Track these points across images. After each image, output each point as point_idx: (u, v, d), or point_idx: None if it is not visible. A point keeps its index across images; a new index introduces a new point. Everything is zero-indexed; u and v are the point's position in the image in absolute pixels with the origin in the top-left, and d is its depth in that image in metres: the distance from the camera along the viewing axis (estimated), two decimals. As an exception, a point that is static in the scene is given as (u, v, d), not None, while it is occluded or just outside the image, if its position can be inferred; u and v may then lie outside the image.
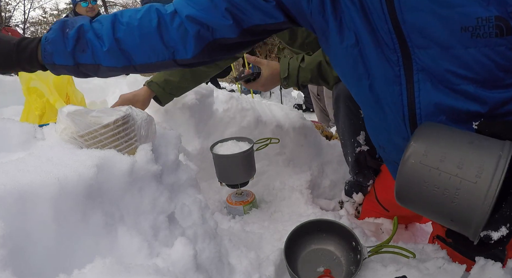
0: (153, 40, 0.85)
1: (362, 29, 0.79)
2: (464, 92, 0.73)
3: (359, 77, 0.86)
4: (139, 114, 0.78)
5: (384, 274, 0.94)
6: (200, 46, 0.87)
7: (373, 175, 1.41)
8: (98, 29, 0.84)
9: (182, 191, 0.90)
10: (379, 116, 0.89)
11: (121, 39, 0.84)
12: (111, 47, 0.84)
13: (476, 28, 0.66)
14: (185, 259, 0.68)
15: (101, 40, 0.84)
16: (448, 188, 0.62)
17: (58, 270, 0.55)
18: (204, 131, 1.77)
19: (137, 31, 0.84)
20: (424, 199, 0.66)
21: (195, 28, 0.84)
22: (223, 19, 0.84)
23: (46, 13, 17.30)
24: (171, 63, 0.89)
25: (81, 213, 0.61)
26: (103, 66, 0.87)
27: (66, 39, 0.83)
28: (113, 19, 0.85)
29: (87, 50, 0.84)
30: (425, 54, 0.73)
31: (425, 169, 0.64)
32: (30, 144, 0.75)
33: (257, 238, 1.19)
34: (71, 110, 0.72)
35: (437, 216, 0.68)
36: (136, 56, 0.86)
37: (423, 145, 0.66)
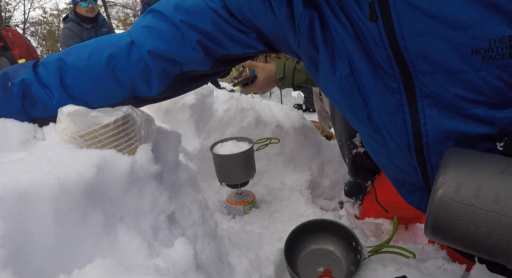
0: (106, 84, 0.74)
1: (357, 57, 0.72)
2: (474, 117, 0.68)
3: (355, 107, 0.80)
4: (139, 114, 0.78)
5: (384, 274, 0.94)
6: (167, 82, 0.77)
7: (371, 175, 1.41)
8: (44, 77, 0.73)
9: (182, 191, 0.90)
10: (380, 143, 0.84)
11: (70, 86, 0.73)
12: (61, 98, 0.73)
13: (489, 50, 0.60)
14: (185, 259, 0.68)
15: (49, 91, 0.73)
16: (486, 225, 0.58)
17: (58, 270, 0.54)
18: (204, 131, 1.77)
19: (86, 76, 0.73)
20: (459, 236, 0.62)
21: (160, 66, 0.74)
22: (194, 52, 0.74)
23: (46, 13, 17.32)
24: (133, 102, 0.79)
25: (81, 213, 0.61)
26: None
27: (12, 96, 0.72)
28: (59, 62, 0.74)
29: (36, 105, 0.74)
30: (431, 80, 0.67)
31: (459, 206, 0.60)
32: (30, 144, 0.75)
33: (257, 238, 1.19)
34: (71, 110, 0.71)
35: (473, 250, 0.64)
36: (93, 102, 0.76)
37: (454, 180, 0.61)
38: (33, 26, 16.78)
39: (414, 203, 0.96)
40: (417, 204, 0.95)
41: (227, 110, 1.80)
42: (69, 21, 3.62)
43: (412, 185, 0.91)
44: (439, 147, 0.73)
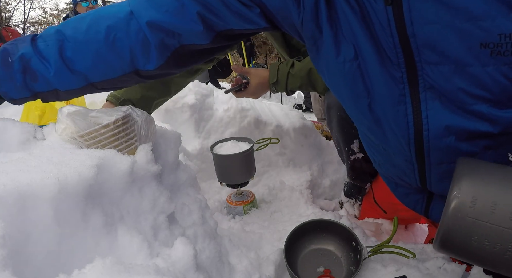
0: (106, 56, 0.73)
1: (363, 41, 0.70)
2: (476, 113, 0.67)
3: (356, 95, 0.77)
4: (139, 115, 0.78)
5: (384, 274, 0.94)
6: (165, 56, 0.75)
7: (370, 178, 1.41)
8: (43, 50, 0.72)
9: (182, 191, 0.90)
10: (378, 137, 0.82)
11: (70, 59, 0.72)
12: (61, 70, 0.72)
13: (498, 45, 0.59)
14: (185, 259, 0.68)
15: (48, 64, 0.72)
16: (501, 242, 0.56)
17: (58, 270, 0.54)
18: (204, 131, 1.77)
19: (86, 48, 0.72)
20: (471, 252, 0.60)
21: (158, 37, 0.71)
22: (193, 24, 0.71)
23: (46, 13, 17.31)
24: (133, 77, 0.78)
25: (81, 213, 0.61)
26: (61, 91, 0.77)
27: (13, 72, 0.73)
28: (58, 35, 0.73)
29: (37, 79, 0.74)
30: (436, 70, 0.66)
31: (474, 223, 0.58)
32: (30, 144, 0.75)
33: (257, 238, 1.19)
34: (71, 110, 0.71)
35: (484, 265, 0.63)
36: (92, 75, 0.75)
37: (469, 194, 0.59)
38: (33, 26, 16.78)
39: (410, 205, 0.95)
40: (413, 206, 0.94)
41: (227, 110, 1.80)
42: None
43: (407, 186, 0.90)
44: (439, 142, 0.72)
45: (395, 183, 0.95)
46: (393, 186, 0.96)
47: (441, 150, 0.72)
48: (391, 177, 0.94)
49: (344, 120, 1.32)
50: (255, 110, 1.86)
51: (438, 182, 0.80)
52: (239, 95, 1.45)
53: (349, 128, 1.31)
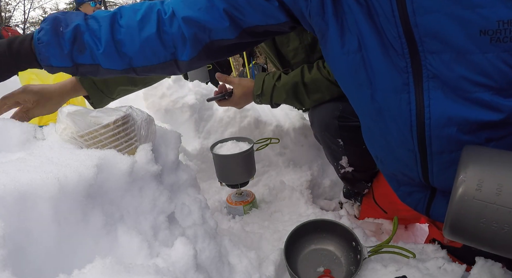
0: (153, 44, 0.83)
1: (367, 33, 0.73)
2: (479, 101, 0.68)
3: (359, 85, 0.81)
4: (139, 114, 0.78)
5: (384, 274, 0.94)
6: (197, 49, 0.84)
7: (366, 184, 1.41)
8: (96, 30, 0.81)
9: (182, 191, 0.90)
10: (380, 127, 0.84)
11: (121, 42, 0.81)
12: (110, 50, 0.81)
13: (497, 32, 0.61)
14: (185, 259, 0.68)
15: (99, 42, 0.81)
16: (508, 223, 0.57)
17: (58, 270, 0.54)
18: (204, 131, 1.77)
19: (137, 35, 0.81)
20: (480, 235, 0.61)
21: (192, 31, 0.82)
22: (220, 20, 0.81)
23: (46, 13, 17.31)
24: (172, 64, 0.87)
25: (81, 213, 0.61)
26: (102, 67, 0.84)
27: (62, 40, 0.79)
28: (111, 19, 0.82)
29: (85, 51, 0.81)
30: (438, 59, 0.68)
31: (481, 205, 0.59)
32: (30, 144, 0.75)
33: (257, 238, 1.19)
34: (71, 110, 0.72)
35: (494, 249, 0.63)
36: (137, 59, 0.84)
37: (475, 178, 0.60)
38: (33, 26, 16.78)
39: (412, 204, 0.95)
40: (414, 206, 0.94)
41: (227, 110, 1.80)
42: None
43: (410, 182, 0.90)
44: (441, 131, 0.73)
45: (397, 181, 0.95)
46: (396, 185, 0.96)
47: (442, 139, 0.74)
48: (394, 174, 0.94)
49: (329, 140, 1.32)
50: (255, 110, 1.86)
51: (440, 173, 0.80)
52: (222, 104, 1.41)
53: (336, 147, 1.31)
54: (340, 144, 1.29)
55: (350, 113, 1.24)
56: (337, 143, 1.30)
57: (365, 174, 1.38)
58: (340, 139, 1.28)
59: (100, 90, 1.15)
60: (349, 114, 1.24)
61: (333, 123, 1.26)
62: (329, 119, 1.27)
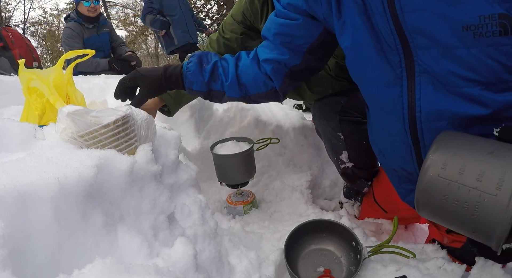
0: (260, 77, 1.04)
1: (362, 31, 0.78)
2: (468, 96, 0.70)
3: (359, 78, 0.88)
4: (139, 114, 0.78)
5: (384, 274, 0.94)
6: (280, 78, 1.03)
7: (366, 182, 1.41)
8: (226, 67, 1.06)
9: (182, 191, 0.90)
10: (379, 119, 0.89)
11: (240, 76, 1.05)
12: (233, 82, 1.04)
13: (479, 26, 0.63)
14: (185, 259, 0.68)
15: (227, 76, 1.05)
16: (468, 202, 0.60)
17: (58, 270, 0.55)
18: (204, 131, 1.77)
19: (250, 72, 1.05)
20: (444, 212, 0.65)
21: (270, 67, 1.02)
22: (283, 53, 0.99)
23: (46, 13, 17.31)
24: (275, 92, 1.07)
25: (81, 213, 0.61)
26: (226, 95, 1.07)
27: (204, 72, 1.04)
28: (236, 61, 1.07)
29: (218, 81, 1.05)
30: (427, 54, 0.71)
31: (444, 182, 0.62)
32: (30, 144, 0.75)
33: (257, 238, 1.19)
34: (71, 110, 0.71)
35: (459, 228, 0.66)
36: (251, 88, 1.06)
37: (442, 157, 0.64)
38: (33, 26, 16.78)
39: (411, 202, 0.95)
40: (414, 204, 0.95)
41: (227, 110, 1.80)
42: (71, 21, 3.63)
43: (410, 180, 0.91)
44: (432, 125, 0.76)
45: (398, 177, 0.95)
46: (397, 182, 0.97)
47: (434, 132, 0.76)
48: (395, 169, 0.95)
49: (330, 133, 1.33)
50: (255, 110, 1.86)
51: None
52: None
53: (336, 141, 1.32)
54: (341, 138, 1.30)
55: (352, 108, 1.25)
56: (338, 137, 1.30)
57: (365, 172, 1.38)
58: (340, 133, 1.29)
59: (174, 99, 1.41)
60: (350, 109, 1.25)
61: (335, 117, 1.28)
62: (330, 114, 1.29)
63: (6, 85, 2.08)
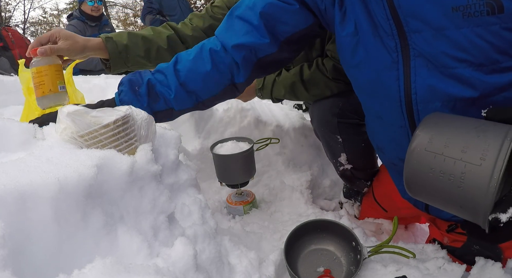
0: (213, 77, 0.94)
1: (361, 17, 0.82)
2: (460, 77, 0.73)
3: (357, 65, 0.89)
4: (139, 114, 0.78)
5: (384, 274, 0.94)
6: (249, 69, 0.95)
7: (365, 183, 1.42)
8: (164, 80, 0.94)
9: (182, 191, 0.90)
10: (375, 106, 0.91)
11: (186, 83, 0.93)
12: (179, 93, 0.93)
13: (467, 7, 0.66)
14: (185, 259, 0.68)
15: (170, 90, 0.93)
16: (454, 173, 0.61)
17: (58, 270, 0.55)
18: (204, 131, 1.77)
19: (197, 73, 0.94)
20: (432, 187, 0.65)
21: (241, 54, 0.92)
22: (262, 39, 0.91)
23: (46, 13, 17.31)
24: (232, 88, 0.98)
25: (81, 213, 0.61)
26: (176, 110, 0.96)
27: (140, 96, 0.92)
28: (173, 67, 0.94)
29: (159, 100, 0.93)
30: (420, 37, 0.74)
31: (430, 155, 0.64)
32: (30, 144, 0.75)
33: (257, 238, 1.19)
34: (71, 110, 0.72)
35: (447, 204, 0.67)
36: (202, 93, 0.95)
37: (428, 133, 0.66)
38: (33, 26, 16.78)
39: (411, 200, 0.96)
40: (414, 202, 0.95)
41: (227, 110, 1.80)
42: (74, 19, 3.65)
43: None
44: (427, 106, 0.79)
45: (398, 172, 0.96)
46: (398, 178, 0.97)
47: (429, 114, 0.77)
48: (393, 163, 0.96)
49: (328, 136, 1.33)
50: (255, 110, 1.86)
51: None
52: None
53: (334, 143, 1.32)
54: (339, 140, 1.30)
55: (350, 111, 1.25)
56: (336, 140, 1.30)
57: (364, 173, 1.39)
58: (339, 136, 1.29)
59: (120, 52, 1.22)
60: (348, 111, 1.25)
61: (333, 120, 1.28)
62: (328, 116, 1.29)
63: (6, 85, 2.08)
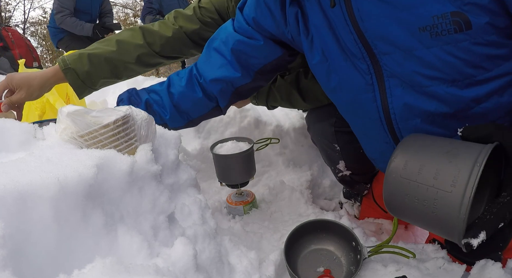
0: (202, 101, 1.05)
1: (330, 44, 0.81)
2: (434, 94, 0.73)
3: (333, 90, 0.90)
4: (139, 114, 0.78)
5: (384, 274, 0.94)
6: (227, 98, 1.05)
7: (365, 185, 1.41)
8: (159, 101, 1.05)
9: (182, 191, 0.90)
10: (360, 125, 0.93)
11: (178, 105, 1.04)
12: (173, 114, 1.04)
13: (434, 26, 0.66)
14: (185, 259, 0.68)
15: (164, 110, 1.04)
16: (427, 199, 0.63)
17: (58, 270, 0.54)
18: (204, 131, 1.77)
19: (189, 98, 1.05)
20: (409, 211, 0.67)
21: (218, 87, 1.01)
22: (235, 72, 0.99)
23: (46, 13, 17.30)
24: (218, 109, 1.08)
25: (81, 213, 0.61)
26: (170, 127, 1.04)
27: None
28: (168, 92, 1.05)
29: (155, 117, 1.00)
30: (390, 59, 0.74)
31: (405, 182, 0.66)
32: (30, 144, 0.75)
33: (257, 238, 1.19)
34: (71, 110, 0.71)
35: (426, 226, 0.69)
36: (193, 113, 1.07)
37: (403, 159, 0.68)
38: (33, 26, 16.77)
39: None
40: None
41: (227, 111, 1.80)
42: None
43: None
44: (407, 124, 0.79)
45: None
46: None
47: (410, 130, 0.80)
48: None
49: (325, 145, 1.32)
50: (255, 110, 1.86)
51: None
52: None
53: (332, 151, 1.32)
54: (337, 149, 1.29)
55: None
56: (334, 148, 1.30)
57: (364, 177, 1.38)
58: (336, 144, 1.29)
59: (83, 81, 1.14)
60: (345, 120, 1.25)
61: (330, 129, 1.27)
62: (325, 125, 1.28)
63: (6, 85, 2.08)
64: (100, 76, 1.16)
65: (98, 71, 1.14)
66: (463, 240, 0.59)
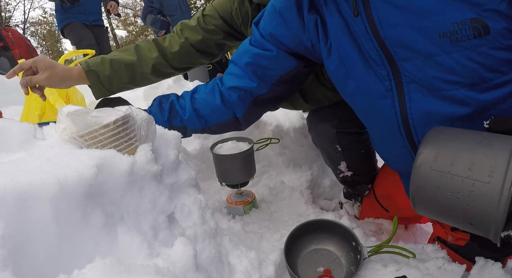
0: (220, 108, 1.09)
1: (349, 50, 0.83)
2: (454, 98, 0.73)
3: (350, 95, 0.92)
4: (139, 114, 0.78)
5: (384, 274, 0.94)
6: (245, 106, 1.08)
7: (366, 186, 1.41)
8: (182, 103, 1.11)
9: (182, 191, 0.90)
10: (377, 129, 0.94)
11: (198, 109, 1.09)
12: (191, 116, 1.10)
13: (454, 33, 0.67)
14: (185, 259, 0.68)
15: (184, 111, 1.10)
16: (462, 191, 0.59)
17: (58, 270, 0.55)
18: (204, 131, 1.76)
19: (208, 104, 1.09)
20: (439, 205, 0.64)
21: (236, 94, 1.06)
22: (251, 82, 1.03)
23: (46, 13, 17.31)
24: (235, 121, 1.12)
25: (81, 213, 0.61)
26: (188, 129, 1.11)
27: (163, 112, 1.09)
28: (191, 95, 1.11)
29: (177, 118, 1.09)
30: (411, 65, 0.75)
31: (437, 174, 0.63)
32: (30, 144, 0.75)
33: (257, 238, 1.19)
34: (71, 110, 0.71)
35: (456, 221, 0.65)
36: (210, 119, 1.10)
37: (433, 151, 0.65)
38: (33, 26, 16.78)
39: None
40: None
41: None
42: None
43: None
44: (425, 128, 0.78)
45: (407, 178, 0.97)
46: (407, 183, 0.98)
47: None
48: (401, 171, 0.99)
49: (327, 145, 1.32)
50: (255, 110, 1.86)
51: None
52: None
53: (334, 152, 1.32)
54: (339, 150, 1.30)
55: (348, 120, 1.25)
56: (336, 149, 1.30)
57: (365, 177, 1.38)
58: (338, 145, 1.29)
59: (102, 84, 1.23)
60: (347, 121, 1.25)
61: (331, 130, 1.28)
62: (327, 127, 1.29)
63: (6, 85, 2.08)
64: (119, 81, 1.26)
65: (117, 76, 1.25)
66: (503, 232, 0.57)
